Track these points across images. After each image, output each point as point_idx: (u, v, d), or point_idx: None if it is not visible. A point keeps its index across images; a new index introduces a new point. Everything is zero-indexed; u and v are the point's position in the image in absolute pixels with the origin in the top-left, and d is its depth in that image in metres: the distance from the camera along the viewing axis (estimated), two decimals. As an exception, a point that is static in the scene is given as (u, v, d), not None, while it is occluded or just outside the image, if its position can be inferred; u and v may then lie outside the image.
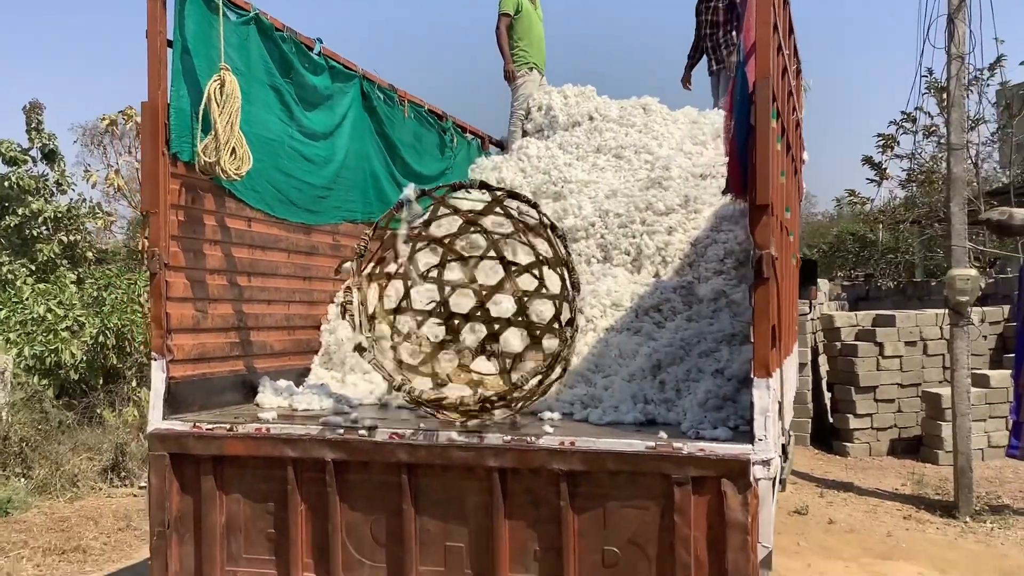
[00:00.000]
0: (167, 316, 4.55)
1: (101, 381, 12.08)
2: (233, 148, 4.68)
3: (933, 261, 19.45)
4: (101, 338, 11.99)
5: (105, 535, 7.93)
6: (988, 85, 15.46)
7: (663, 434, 4.14)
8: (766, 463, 3.86)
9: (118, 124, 25.83)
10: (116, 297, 13.53)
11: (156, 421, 4.49)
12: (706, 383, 4.85)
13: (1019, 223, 7.85)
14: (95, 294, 14.12)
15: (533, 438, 4.12)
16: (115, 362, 12.23)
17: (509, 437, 4.15)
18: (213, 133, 4.65)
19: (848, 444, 11.22)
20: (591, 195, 7.28)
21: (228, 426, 4.42)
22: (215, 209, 5.07)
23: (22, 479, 9.53)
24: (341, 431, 4.34)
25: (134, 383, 12.24)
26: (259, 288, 5.43)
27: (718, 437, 4.13)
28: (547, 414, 4.87)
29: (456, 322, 5.50)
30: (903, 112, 17.35)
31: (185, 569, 4.46)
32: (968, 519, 8.44)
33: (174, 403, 4.60)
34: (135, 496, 9.56)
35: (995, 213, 8.19)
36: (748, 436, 3.96)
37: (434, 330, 5.54)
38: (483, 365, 5.42)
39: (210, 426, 4.43)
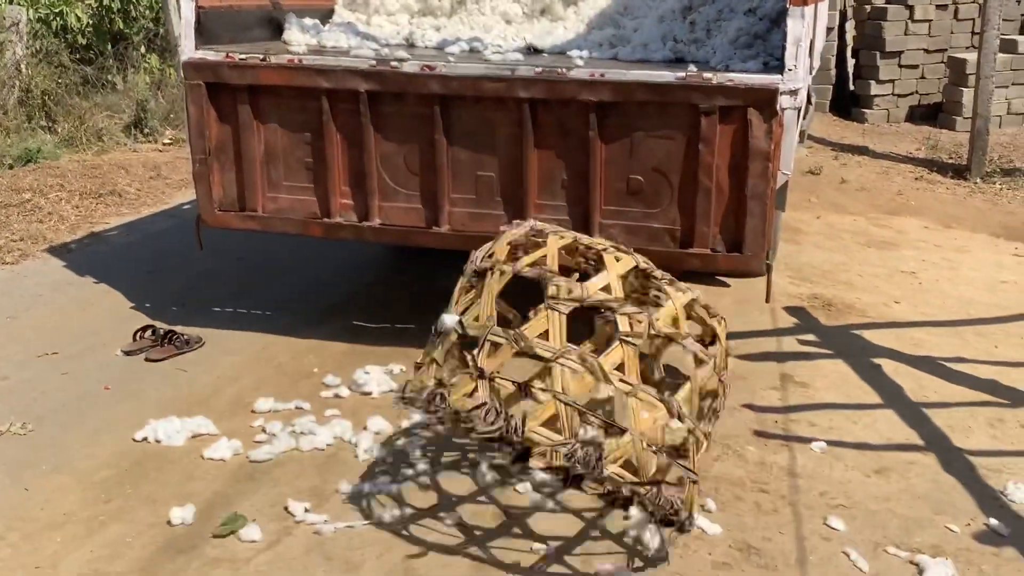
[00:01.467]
0: (190, -61, 4.44)
1: (109, 46, 11.93)
2: None
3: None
4: (106, 1, 11.70)
5: (137, 182, 8.20)
6: None
7: (693, 67, 4.17)
8: (793, 93, 3.92)
9: None
10: (115, -42, 13.03)
11: (189, 51, 4.50)
12: (737, 21, 4.81)
13: None
14: (94, -47, 13.59)
15: (564, 69, 4.16)
16: (121, 27, 12.02)
17: (540, 68, 4.18)
18: None
19: (867, 111, 11.21)
20: None
21: (261, 56, 4.44)
22: None
23: (48, 132, 9.71)
24: (373, 63, 4.37)
25: (142, 49, 12.11)
26: None
27: (748, 70, 4.17)
28: (575, 52, 4.88)
29: None
30: None
31: (228, 195, 4.66)
32: (979, 180, 8.63)
33: (205, 34, 4.59)
34: (160, 151, 9.78)
35: None
36: (778, 69, 3.99)
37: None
38: None
39: (243, 56, 4.46)
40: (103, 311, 5.34)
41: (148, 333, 4.85)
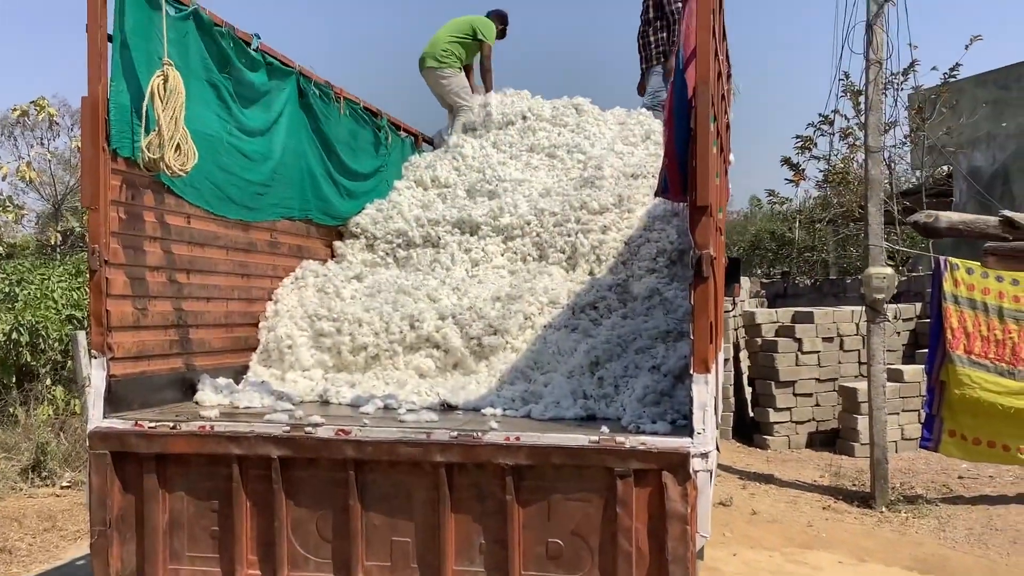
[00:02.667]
0: (107, 313, 4.51)
1: (14, 379, 11.76)
2: (178, 144, 4.65)
3: (847, 260, 20.10)
4: (14, 335, 11.68)
5: (30, 535, 7.76)
6: (902, 89, 16.05)
7: (605, 428, 4.26)
8: (704, 455, 4.01)
9: (29, 115, 25.06)
10: (29, 293, 13.17)
11: (97, 420, 4.44)
12: (643, 379, 5.00)
13: (944, 226, 8.35)
14: (7, 290, 13.73)
15: (479, 434, 4.20)
16: (29, 360, 11.93)
17: (455, 433, 4.22)
18: (157, 129, 4.62)
19: (768, 437, 11.55)
20: (526, 193, 7.40)
21: (171, 424, 4.39)
22: (154, 206, 5.03)
23: (-63, 480, 9.26)
24: (287, 428, 4.35)
25: (48, 381, 11.96)
26: (198, 285, 5.39)
27: (658, 431, 4.27)
28: (489, 410, 4.96)
29: None
30: (821, 115, 17.96)
31: (127, 568, 4.42)
32: (884, 509, 8.78)
33: (114, 401, 4.55)
34: (58, 496, 9.35)
35: (921, 216, 8.66)
36: (687, 430, 4.10)
37: None
38: None
39: (152, 424, 4.40)
40: None
41: None
